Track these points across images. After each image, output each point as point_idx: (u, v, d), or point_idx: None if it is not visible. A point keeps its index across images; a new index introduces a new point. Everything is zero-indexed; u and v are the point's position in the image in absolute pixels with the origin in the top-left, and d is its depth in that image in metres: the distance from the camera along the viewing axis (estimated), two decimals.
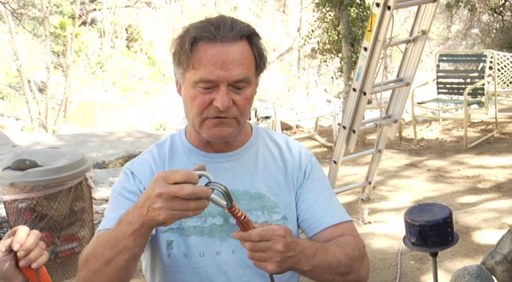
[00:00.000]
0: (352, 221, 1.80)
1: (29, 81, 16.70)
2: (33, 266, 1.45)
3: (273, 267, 1.44)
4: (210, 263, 1.67)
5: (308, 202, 1.76)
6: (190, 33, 1.59)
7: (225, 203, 1.39)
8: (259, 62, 1.65)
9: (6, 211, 4.37)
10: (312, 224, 1.75)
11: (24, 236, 1.44)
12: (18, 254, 1.43)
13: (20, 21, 18.33)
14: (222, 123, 1.62)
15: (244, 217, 1.42)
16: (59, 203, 4.21)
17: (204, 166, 1.41)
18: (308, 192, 1.78)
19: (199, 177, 1.36)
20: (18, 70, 17.03)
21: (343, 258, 1.62)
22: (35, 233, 1.46)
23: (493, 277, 3.29)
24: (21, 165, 4.18)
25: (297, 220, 1.78)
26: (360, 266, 1.70)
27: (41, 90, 18.12)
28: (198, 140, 1.76)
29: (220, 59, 1.55)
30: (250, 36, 1.62)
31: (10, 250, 1.44)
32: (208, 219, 1.69)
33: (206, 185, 1.37)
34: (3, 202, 4.35)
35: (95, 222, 4.67)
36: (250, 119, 5.24)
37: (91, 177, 4.45)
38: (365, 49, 4.92)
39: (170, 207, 1.34)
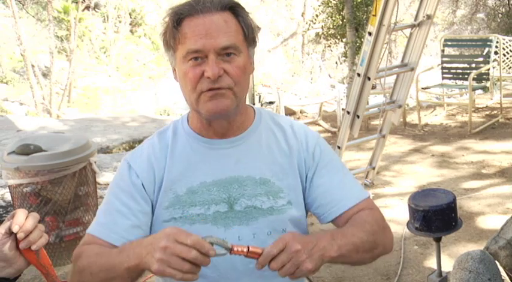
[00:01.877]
0: (369, 196, 1.80)
1: (32, 66, 16.66)
2: (33, 247, 1.48)
3: (307, 265, 1.43)
4: None
5: (324, 187, 1.76)
6: (173, 11, 1.61)
7: (224, 250, 1.41)
8: (247, 31, 1.64)
9: (11, 195, 4.40)
10: (330, 209, 1.74)
11: (23, 219, 1.46)
12: (17, 236, 1.46)
13: (23, 5, 18.34)
14: (216, 94, 1.60)
15: (248, 248, 1.42)
16: (63, 188, 4.23)
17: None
18: (322, 177, 1.76)
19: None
20: (22, 55, 17.00)
21: (364, 235, 1.62)
22: (34, 215, 1.49)
23: (496, 262, 3.29)
24: (26, 150, 4.20)
25: (312, 206, 1.77)
26: (384, 239, 1.70)
27: (44, 75, 18.12)
28: (200, 124, 1.74)
29: (203, 29, 1.56)
30: (233, 8, 1.62)
31: (10, 232, 1.46)
32: (212, 206, 1.69)
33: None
34: (9, 186, 4.37)
35: (99, 206, 4.69)
36: (254, 104, 5.24)
37: (95, 162, 4.46)
38: (369, 34, 4.92)
39: (167, 262, 1.36)
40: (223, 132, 1.73)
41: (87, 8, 20.78)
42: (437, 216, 2.87)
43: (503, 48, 8.41)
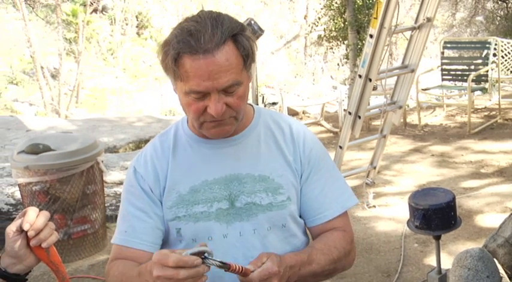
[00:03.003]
0: (356, 203, 1.89)
1: (42, 67, 16.78)
2: (43, 245, 1.50)
3: None
4: (218, 246, 1.70)
5: (315, 192, 1.81)
6: (172, 47, 1.57)
7: (223, 267, 1.48)
8: (246, 59, 1.61)
9: (21, 194, 4.44)
10: (317, 215, 1.81)
11: (34, 217, 1.48)
12: (28, 234, 1.48)
13: (33, 8, 18.47)
14: (220, 124, 1.65)
15: (242, 268, 1.51)
16: (71, 186, 4.26)
17: (204, 244, 1.47)
18: (316, 181, 1.81)
19: (199, 253, 1.45)
20: (31, 57, 17.12)
21: (327, 263, 1.73)
22: (45, 213, 1.51)
23: (495, 260, 3.27)
24: (35, 149, 4.22)
25: (301, 208, 1.83)
26: (344, 263, 1.81)
27: (53, 77, 18.20)
28: None
29: (205, 71, 1.53)
30: (234, 36, 1.58)
31: (21, 230, 1.49)
32: (214, 204, 1.73)
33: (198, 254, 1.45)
34: (18, 185, 4.40)
35: (106, 205, 4.73)
36: (257, 105, 5.30)
37: (102, 161, 4.47)
38: (371, 36, 4.92)
39: None
40: None
41: (95, 11, 20.84)
42: (437, 215, 2.82)
43: (502, 51, 8.35)
